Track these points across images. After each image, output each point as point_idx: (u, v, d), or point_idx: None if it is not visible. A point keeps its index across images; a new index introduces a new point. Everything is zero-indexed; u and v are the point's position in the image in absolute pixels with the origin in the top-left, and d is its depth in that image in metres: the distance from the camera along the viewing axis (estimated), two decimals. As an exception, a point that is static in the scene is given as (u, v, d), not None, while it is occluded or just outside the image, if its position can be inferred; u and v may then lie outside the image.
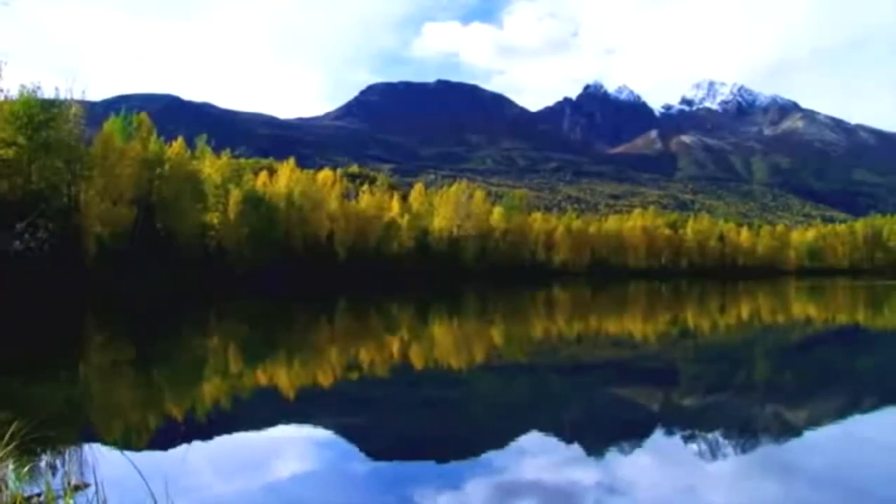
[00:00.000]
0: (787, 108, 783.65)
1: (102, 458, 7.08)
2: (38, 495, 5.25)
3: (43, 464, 6.95)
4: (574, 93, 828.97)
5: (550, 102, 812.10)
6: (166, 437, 8.59)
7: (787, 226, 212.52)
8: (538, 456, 7.99)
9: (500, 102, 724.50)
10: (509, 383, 13.79)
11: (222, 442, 8.59)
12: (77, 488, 5.37)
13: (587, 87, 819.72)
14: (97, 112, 71.28)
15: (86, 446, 7.78)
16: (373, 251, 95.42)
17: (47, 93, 57.76)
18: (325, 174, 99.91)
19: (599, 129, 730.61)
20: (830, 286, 73.49)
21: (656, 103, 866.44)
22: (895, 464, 7.61)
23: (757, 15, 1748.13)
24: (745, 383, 13.86)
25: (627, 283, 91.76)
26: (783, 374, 15.06)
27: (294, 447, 8.47)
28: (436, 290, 64.20)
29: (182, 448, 7.99)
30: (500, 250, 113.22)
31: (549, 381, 14.21)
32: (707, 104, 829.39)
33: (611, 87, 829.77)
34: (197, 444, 8.25)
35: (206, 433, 8.89)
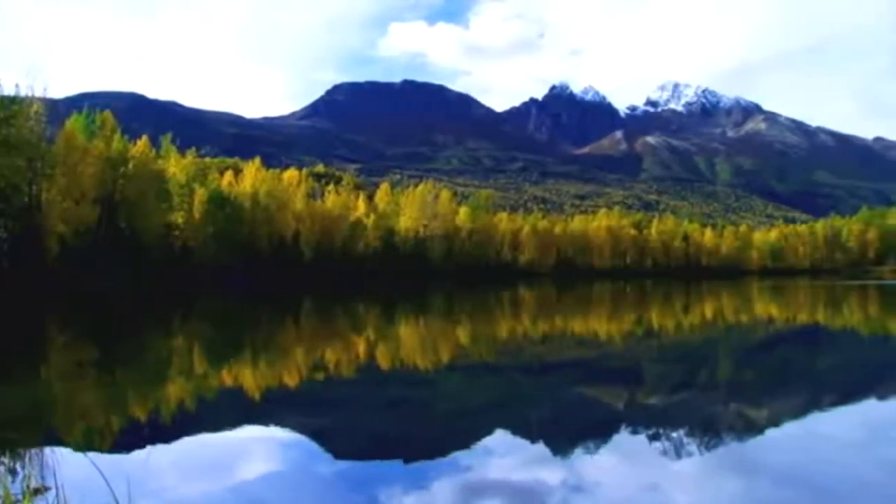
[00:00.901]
0: (749, 110, 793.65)
1: (64, 461, 7.00)
2: (-3, 499, 5.17)
3: (2, 467, 6.85)
4: (540, 93, 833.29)
5: (516, 103, 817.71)
6: (130, 439, 8.50)
7: (749, 226, 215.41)
8: (504, 455, 8.01)
9: (466, 102, 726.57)
10: (475, 383, 13.82)
11: (187, 443, 8.52)
12: (37, 491, 5.30)
13: (553, 88, 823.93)
14: (60, 110, 70.32)
15: (47, 449, 7.67)
16: (339, 251, 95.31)
17: (7, 90, 56.98)
18: (290, 174, 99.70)
19: (565, 129, 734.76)
20: (792, 286, 74.42)
21: (622, 104, 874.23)
22: (853, 460, 7.72)
23: (721, 18, 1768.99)
24: (708, 382, 13.99)
25: (593, 282, 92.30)
26: (746, 373, 15.21)
27: (259, 448, 8.41)
28: (402, 289, 64.15)
29: (146, 450, 7.91)
30: (466, 250, 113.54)
31: (515, 380, 14.25)
32: (672, 105, 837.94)
33: (576, 88, 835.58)
34: (161, 446, 8.17)
35: (170, 435, 8.81)
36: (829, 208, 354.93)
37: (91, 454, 7.04)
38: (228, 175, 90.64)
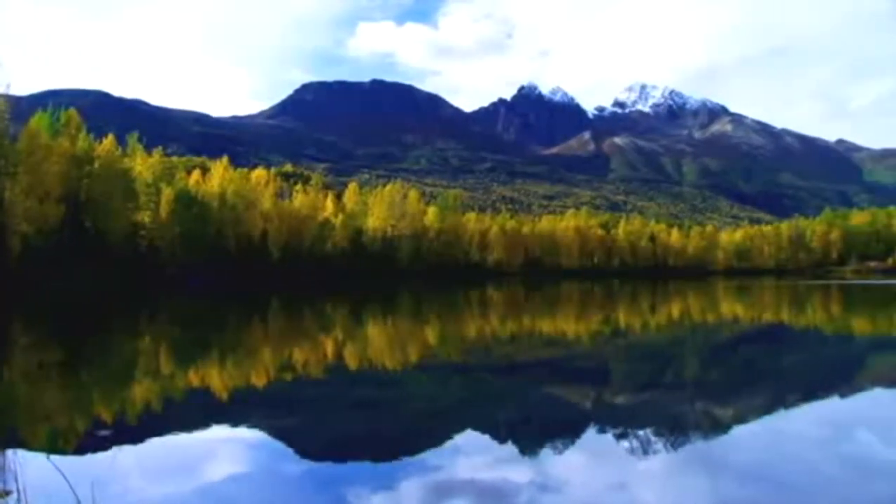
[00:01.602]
0: (716, 112, 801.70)
1: (26, 464, 6.91)
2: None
3: (-37, 471, 6.75)
4: (508, 94, 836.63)
5: (485, 103, 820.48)
6: (94, 441, 8.40)
7: (715, 227, 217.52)
8: (472, 455, 8.02)
9: (434, 103, 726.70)
10: (444, 383, 13.82)
11: (153, 445, 8.44)
12: (-1, 495, 5.23)
13: (521, 89, 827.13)
14: (23, 108, 69.48)
15: (9, 452, 7.56)
16: (307, 251, 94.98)
17: (-32, 86, 56.17)
18: (258, 173, 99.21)
19: (533, 130, 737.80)
20: (757, 286, 75.15)
21: (590, 105, 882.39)
22: (816, 457, 7.81)
23: (688, 20, 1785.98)
24: (675, 381, 14.09)
25: (560, 282, 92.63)
26: (712, 371, 15.35)
27: (227, 449, 8.36)
28: (370, 289, 64.03)
29: (111, 452, 7.83)
30: (434, 250, 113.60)
31: (483, 380, 14.27)
32: (639, 107, 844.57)
33: (545, 89, 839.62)
34: (127, 448, 8.09)
35: (135, 436, 8.73)
36: (793, 209, 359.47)
37: (54, 457, 6.96)
38: (196, 174, 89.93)
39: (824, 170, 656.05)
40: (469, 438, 8.88)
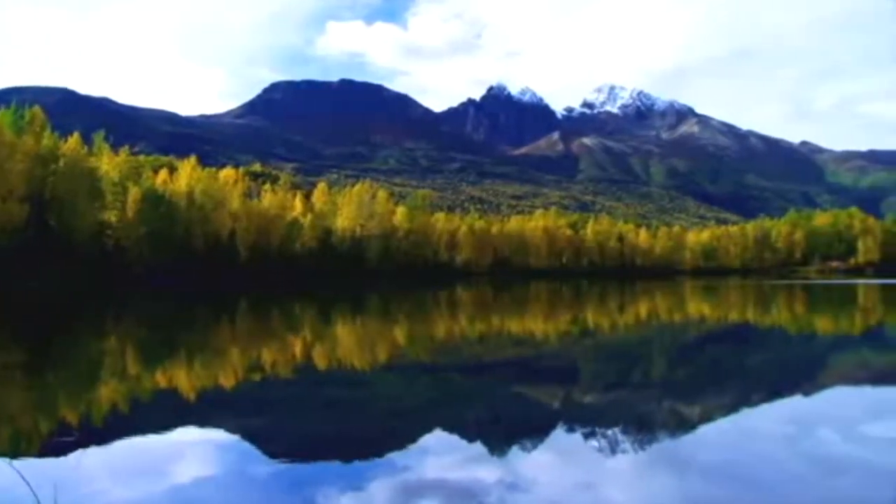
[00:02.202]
0: (683, 113, 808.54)
1: (-12, 467, 6.82)
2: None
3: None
4: (478, 94, 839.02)
5: (454, 103, 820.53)
6: (58, 444, 8.29)
7: (683, 227, 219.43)
8: (441, 455, 8.03)
9: (404, 103, 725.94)
10: (412, 383, 13.82)
11: (119, 447, 8.36)
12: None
13: (491, 89, 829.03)
14: (-15, 105, 68.61)
15: (-29, 455, 7.46)
16: (275, 251, 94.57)
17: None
18: (227, 172, 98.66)
19: (502, 130, 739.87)
20: (723, 285, 75.90)
21: (558, 106, 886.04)
22: (781, 454, 7.90)
23: (656, 22, 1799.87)
24: (642, 380, 14.19)
25: (529, 282, 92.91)
26: (679, 371, 15.48)
27: (194, 450, 8.31)
28: (339, 289, 63.86)
29: (75, 454, 7.74)
30: (403, 250, 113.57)
31: (452, 380, 14.29)
32: (608, 108, 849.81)
33: (514, 90, 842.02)
34: (92, 450, 8.01)
35: (101, 438, 8.64)
36: (758, 210, 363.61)
37: (16, 461, 6.88)
38: (163, 173, 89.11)
39: (789, 171, 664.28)
40: (438, 438, 8.89)
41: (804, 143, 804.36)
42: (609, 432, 8.97)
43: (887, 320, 30.08)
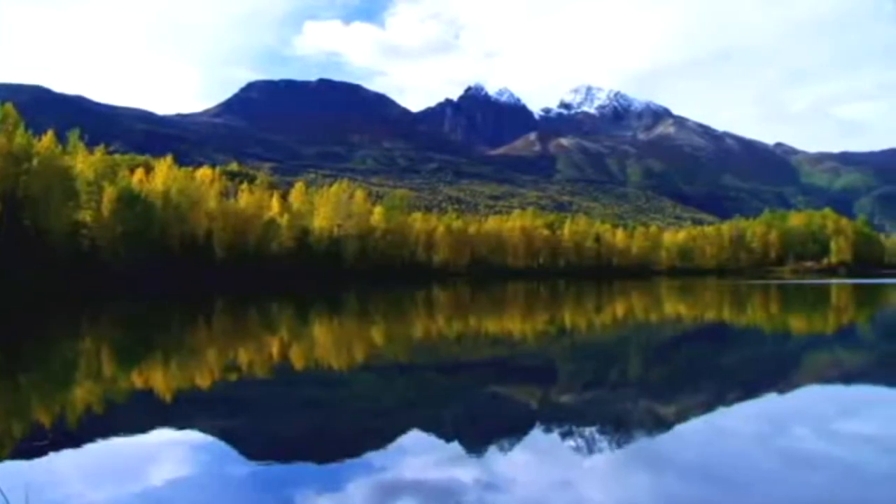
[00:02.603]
0: (659, 114, 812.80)
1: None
2: None
3: None
4: (455, 94, 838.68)
5: (432, 103, 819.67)
6: (32, 446, 8.22)
7: (659, 227, 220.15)
8: (419, 455, 8.05)
9: (381, 102, 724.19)
10: (390, 383, 13.83)
11: (94, 448, 8.31)
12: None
13: (468, 89, 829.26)
14: (-44, 103, 67.79)
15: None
16: (252, 250, 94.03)
17: None
18: (203, 172, 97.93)
19: (480, 130, 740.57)
20: (699, 285, 76.37)
21: (536, 106, 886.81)
22: (755, 452, 7.99)
23: (633, 24, 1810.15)
24: (619, 380, 14.27)
25: (507, 282, 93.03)
26: (655, 370, 15.58)
27: (170, 451, 8.27)
28: (316, 289, 63.70)
29: (49, 457, 7.69)
30: (380, 250, 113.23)
31: (429, 380, 14.31)
32: (585, 108, 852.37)
33: (492, 90, 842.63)
34: (66, 452, 7.96)
35: (76, 440, 8.58)
36: (734, 210, 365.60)
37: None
38: (139, 173, 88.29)
39: (764, 172, 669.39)
40: (415, 438, 8.91)
41: (779, 145, 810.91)
42: (586, 431, 9.02)
43: (858, 320, 30.41)
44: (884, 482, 6.93)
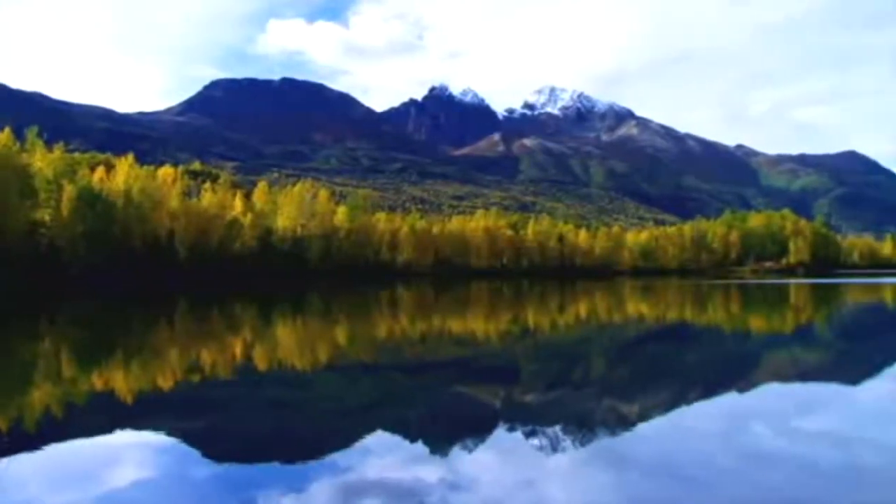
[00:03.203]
0: (623, 116, 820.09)
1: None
2: None
3: None
4: (419, 94, 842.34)
5: (396, 103, 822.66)
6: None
7: (622, 227, 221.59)
8: (383, 455, 8.04)
9: (345, 102, 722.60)
10: (354, 383, 13.80)
11: (53, 452, 8.19)
12: None
13: (432, 89, 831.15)
14: None
15: None
16: (215, 250, 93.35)
17: None
18: (165, 171, 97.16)
19: (444, 130, 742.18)
20: (661, 285, 76.97)
21: (500, 107, 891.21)
22: (716, 450, 8.09)
23: (597, 26, 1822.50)
24: (582, 379, 14.35)
25: (470, 282, 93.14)
26: (618, 369, 15.69)
27: (132, 453, 8.19)
28: (279, 289, 63.35)
29: (5, 460, 7.59)
30: (344, 250, 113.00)
31: (394, 380, 14.30)
32: (548, 109, 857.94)
33: (455, 90, 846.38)
34: (23, 456, 7.86)
35: (34, 443, 8.46)
36: (695, 211, 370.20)
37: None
38: (100, 171, 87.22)
39: (725, 173, 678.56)
40: (379, 438, 8.90)
41: (739, 147, 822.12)
42: (549, 431, 9.07)
43: (816, 319, 30.86)
44: (840, 476, 7.06)
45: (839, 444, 8.39)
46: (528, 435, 8.92)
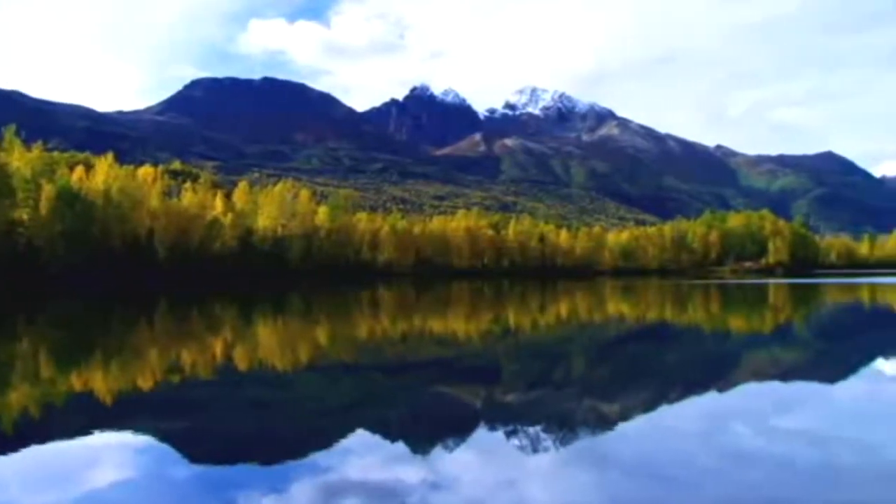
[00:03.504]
0: (603, 116, 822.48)
1: None
2: None
3: None
4: (401, 94, 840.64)
5: (377, 103, 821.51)
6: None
7: (603, 228, 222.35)
8: (364, 455, 8.04)
9: (327, 102, 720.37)
10: (334, 383, 13.78)
11: (31, 453, 8.14)
12: None
13: (414, 89, 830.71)
14: None
15: None
16: (195, 250, 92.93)
17: None
18: (145, 170, 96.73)
19: (425, 130, 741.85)
20: (642, 285, 77.26)
21: (481, 107, 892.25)
22: (696, 449, 8.15)
23: (578, 26, 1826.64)
24: (563, 379, 14.39)
25: (451, 282, 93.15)
26: (598, 369, 15.75)
27: (112, 454, 8.15)
28: (260, 289, 63.17)
29: (-15, 461, 7.54)
30: (325, 250, 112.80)
31: (374, 380, 14.30)
32: (529, 109, 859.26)
33: (437, 90, 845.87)
34: (1, 458, 7.81)
35: (11, 445, 8.41)
36: (676, 211, 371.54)
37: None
38: (79, 171, 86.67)
39: (704, 174, 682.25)
40: (360, 438, 8.90)
41: (719, 147, 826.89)
42: (530, 431, 9.09)
43: (794, 319, 31.09)
44: (818, 474, 7.12)
45: (817, 443, 8.46)
46: (509, 435, 8.94)
